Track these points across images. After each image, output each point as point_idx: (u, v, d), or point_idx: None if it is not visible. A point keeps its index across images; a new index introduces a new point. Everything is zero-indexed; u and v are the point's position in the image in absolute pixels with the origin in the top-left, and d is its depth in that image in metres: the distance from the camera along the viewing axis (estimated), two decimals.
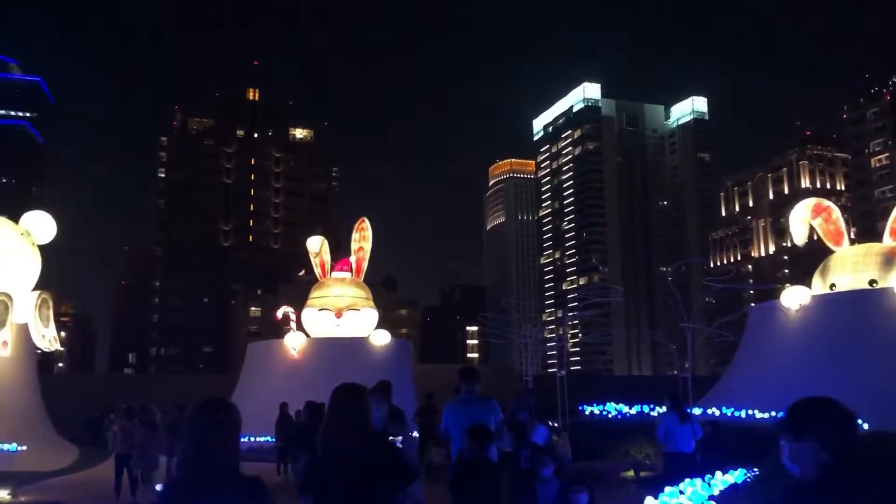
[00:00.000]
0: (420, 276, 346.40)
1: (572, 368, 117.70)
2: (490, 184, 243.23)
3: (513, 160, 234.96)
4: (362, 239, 33.12)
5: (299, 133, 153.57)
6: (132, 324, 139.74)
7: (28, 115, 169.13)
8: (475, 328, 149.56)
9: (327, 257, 32.87)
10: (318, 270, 32.77)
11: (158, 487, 12.23)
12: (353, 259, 32.86)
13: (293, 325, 31.08)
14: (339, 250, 35.26)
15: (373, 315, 32.18)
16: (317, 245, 32.52)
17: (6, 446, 19.85)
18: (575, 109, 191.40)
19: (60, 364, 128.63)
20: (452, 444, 8.38)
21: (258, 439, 27.28)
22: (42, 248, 23.46)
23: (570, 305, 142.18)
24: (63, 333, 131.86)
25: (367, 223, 33.22)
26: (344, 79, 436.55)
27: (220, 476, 3.11)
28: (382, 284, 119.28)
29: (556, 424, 19.18)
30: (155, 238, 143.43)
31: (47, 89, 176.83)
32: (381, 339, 31.08)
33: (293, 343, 30.19)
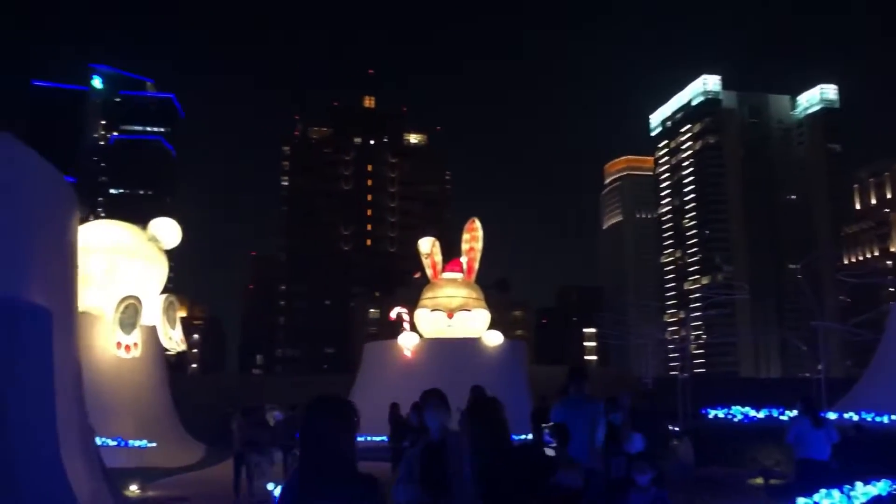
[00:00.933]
0: (534, 277, 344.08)
1: (696, 371, 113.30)
2: (606, 182, 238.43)
3: (629, 157, 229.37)
4: (473, 239, 32.91)
5: (413, 138, 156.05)
6: (259, 326, 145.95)
7: (162, 129, 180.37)
8: (592, 330, 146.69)
9: (438, 258, 32.78)
10: (429, 271, 32.81)
11: (270, 486, 12.36)
12: (464, 260, 32.66)
13: (406, 325, 31.19)
14: (453, 252, 35.15)
15: (485, 315, 31.88)
16: (428, 246, 32.56)
17: (136, 442, 20.83)
18: (694, 103, 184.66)
19: (194, 365, 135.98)
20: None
21: (374, 439, 27.60)
22: (176, 255, 24.51)
23: (693, 306, 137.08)
24: (196, 336, 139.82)
25: (477, 223, 32.96)
26: (457, 82, 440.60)
27: (336, 473, 3.13)
28: (496, 286, 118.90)
29: (676, 428, 18.25)
30: (279, 244, 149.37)
31: (179, 105, 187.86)
32: (494, 339, 30.72)
33: (406, 343, 30.32)
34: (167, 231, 24.05)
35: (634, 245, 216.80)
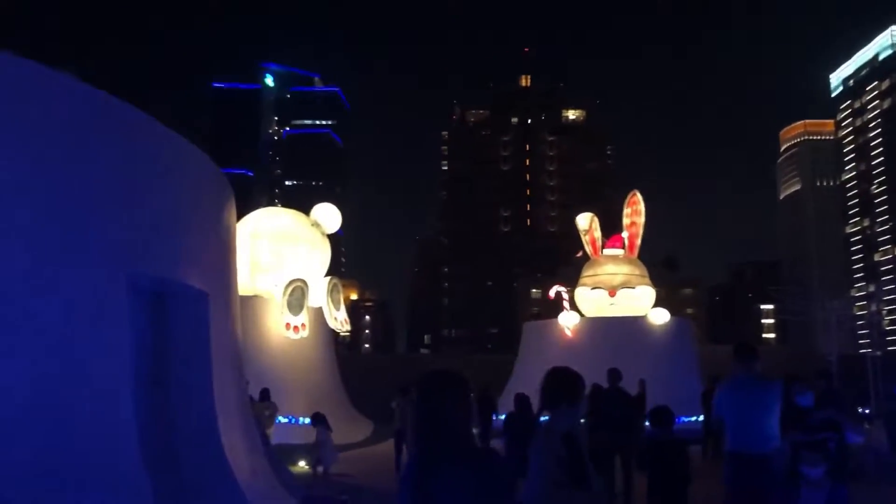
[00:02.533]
0: (705, 253, 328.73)
1: (889, 349, 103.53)
2: (782, 149, 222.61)
3: (807, 121, 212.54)
4: (634, 213, 31.77)
5: (571, 114, 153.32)
6: (425, 308, 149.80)
7: (330, 122, 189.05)
8: (770, 306, 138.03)
9: (598, 234, 32.00)
10: (588, 248, 32.07)
11: None
12: (625, 235, 31.62)
13: (566, 304, 30.60)
14: (615, 229, 34.17)
15: (649, 293, 30.75)
16: (586, 222, 31.75)
17: (307, 420, 21.68)
18: (881, 58, 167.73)
19: (367, 345, 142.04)
20: (729, 435, 7.20)
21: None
22: (347, 243, 25.24)
23: (886, 279, 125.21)
24: (367, 318, 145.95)
25: (638, 196, 31.76)
26: (620, 49, 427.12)
27: (453, 449, 3.10)
28: (664, 265, 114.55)
29: (866, 411, 16.47)
30: (441, 228, 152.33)
31: (344, 97, 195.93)
32: (660, 317, 29.47)
33: (567, 322, 29.78)
34: (328, 216, 24.80)
35: (816, 215, 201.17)
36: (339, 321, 24.49)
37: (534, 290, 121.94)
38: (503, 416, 17.74)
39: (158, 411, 8.05)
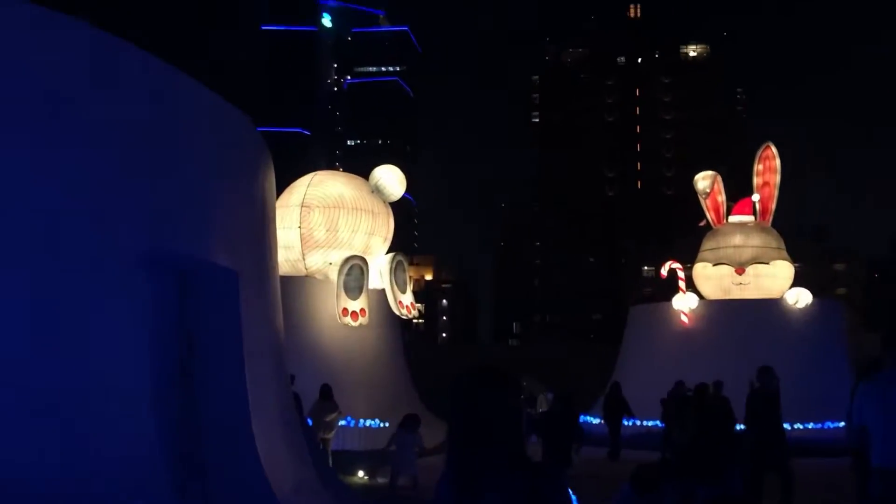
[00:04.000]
0: (862, 220, 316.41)
1: None
2: None
3: None
4: (767, 171, 30.98)
5: (691, 51, 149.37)
6: (513, 289, 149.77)
7: (398, 68, 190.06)
8: None
9: (722, 198, 31.51)
10: (710, 215, 31.61)
11: None
12: (755, 198, 30.99)
13: (683, 284, 30.24)
14: (745, 191, 33.56)
15: (786, 269, 30.08)
16: (707, 183, 31.17)
17: (368, 422, 22.02)
18: None
19: (443, 334, 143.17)
20: (875, 446, 6.91)
21: (645, 423, 27.08)
22: (421, 213, 25.40)
23: None
24: (444, 302, 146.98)
25: (772, 150, 30.93)
26: None
27: (497, 462, 3.11)
28: (811, 235, 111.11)
29: None
30: (532, 192, 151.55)
31: (415, 39, 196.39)
32: (800, 299, 28.83)
33: (683, 306, 29.42)
34: (391, 180, 24.92)
35: None
36: (405, 306, 24.68)
37: (645, 268, 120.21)
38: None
39: (185, 410, 8.25)
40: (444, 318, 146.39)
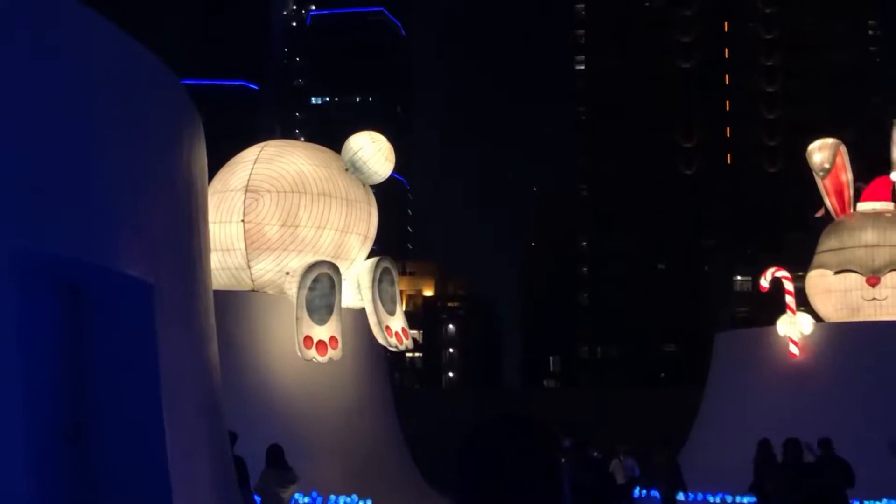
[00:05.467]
0: None
1: None
2: None
3: None
4: None
5: None
6: (550, 310, 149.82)
7: None
8: None
9: (848, 177, 31.44)
10: (830, 202, 31.64)
11: None
12: None
13: (791, 300, 30.28)
14: (881, 168, 33.76)
15: None
16: (825, 155, 31.15)
17: (343, 499, 22.11)
18: None
19: (451, 374, 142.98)
20: None
21: (737, 500, 27.12)
22: (414, 203, 25.42)
23: None
24: (451, 327, 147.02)
25: None
26: None
27: None
28: None
29: None
30: (577, 171, 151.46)
31: None
32: None
33: (792, 332, 29.45)
34: (372, 155, 24.95)
35: None
36: (395, 333, 24.72)
37: (738, 278, 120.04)
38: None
39: (76, 470, 8.29)
40: (452, 350, 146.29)
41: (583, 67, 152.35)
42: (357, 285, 24.71)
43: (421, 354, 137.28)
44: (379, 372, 26.32)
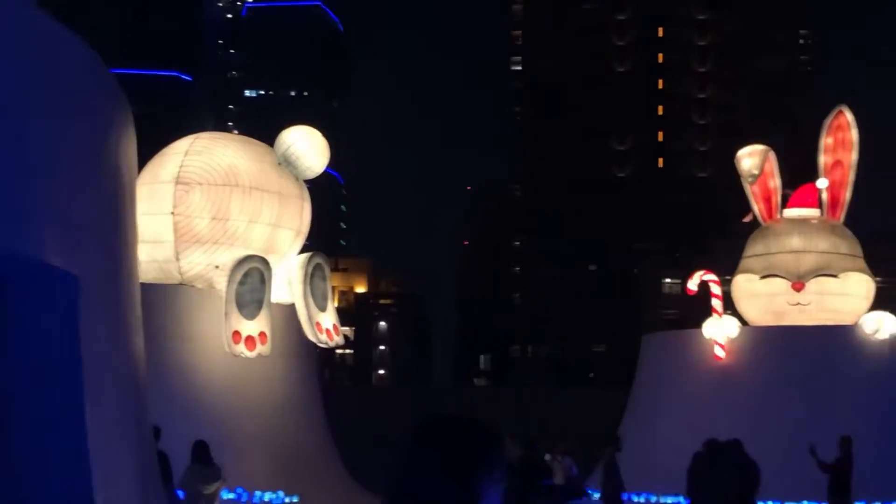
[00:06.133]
0: None
1: None
2: None
3: None
4: (841, 146, 31.60)
5: None
6: (483, 309, 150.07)
7: None
8: None
9: (775, 183, 31.88)
10: (758, 208, 32.03)
11: None
12: (822, 184, 31.53)
13: (718, 303, 30.57)
14: (809, 174, 34.15)
15: (863, 285, 30.68)
16: (754, 161, 31.54)
17: (268, 495, 21.97)
18: None
19: (382, 371, 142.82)
20: None
21: (663, 501, 27.31)
22: (347, 195, 25.29)
23: None
24: (383, 324, 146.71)
25: (847, 117, 31.52)
26: None
27: None
28: None
29: None
30: (510, 172, 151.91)
31: None
32: (882, 327, 29.24)
33: (717, 335, 29.76)
34: (306, 149, 24.87)
35: None
36: (325, 329, 24.62)
37: (667, 281, 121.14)
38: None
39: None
40: (383, 347, 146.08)
41: (519, 68, 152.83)
42: (288, 281, 24.57)
43: (352, 351, 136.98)
44: (308, 368, 26.24)
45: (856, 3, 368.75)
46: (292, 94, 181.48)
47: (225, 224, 23.64)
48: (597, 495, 26.60)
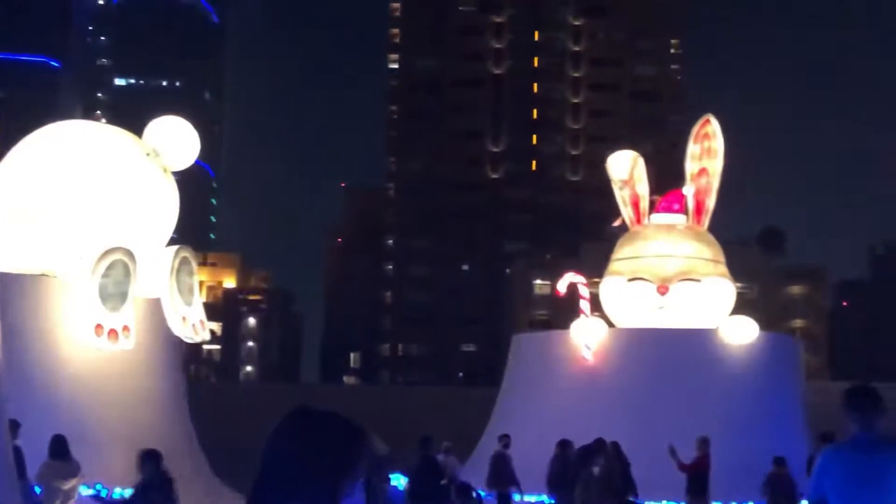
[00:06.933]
0: (831, 228, 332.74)
1: None
2: None
3: None
4: (706, 154, 32.15)
5: None
6: (353, 307, 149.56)
7: None
8: None
9: (644, 189, 32.32)
10: (627, 212, 32.47)
11: None
12: (689, 190, 32.06)
13: (586, 305, 30.90)
14: (676, 181, 34.74)
15: (725, 290, 31.38)
16: (624, 166, 31.98)
17: (129, 492, 21.51)
18: None
19: (249, 368, 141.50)
20: None
21: (527, 499, 27.47)
22: (218, 188, 24.98)
23: None
24: (252, 320, 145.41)
25: (713, 125, 32.14)
26: None
27: None
28: (760, 242, 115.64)
29: None
30: (385, 169, 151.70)
31: None
32: (742, 331, 30.00)
33: (585, 337, 30.05)
34: (176, 139, 24.65)
35: None
36: (191, 324, 24.32)
37: (538, 282, 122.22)
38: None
39: None
40: (252, 343, 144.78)
41: (396, 66, 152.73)
42: (154, 274, 24.17)
43: (219, 347, 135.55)
44: (172, 363, 25.82)
45: (726, 15, 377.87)
46: (164, 83, 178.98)
47: (88, 214, 23.17)
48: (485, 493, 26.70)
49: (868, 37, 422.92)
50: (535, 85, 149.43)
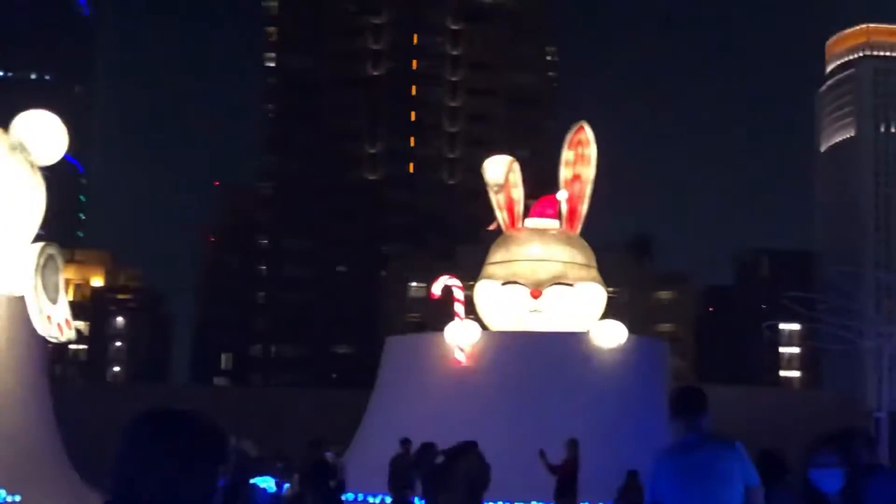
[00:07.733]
0: (698, 235, 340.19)
1: None
2: (828, 71, 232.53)
3: (871, 26, 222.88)
4: (579, 160, 32.73)
5: None
6: (225, 307, 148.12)
7: None
8: (796, 326, 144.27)
9: (519, 193, 32.62)
10: (502, 216, 32.82)
11: None
12: (562, 196, 32.52)
13: (460, 308, 31.08)
14: (550, 186, 35.04)
15: (597, 294, 31.93)
16: (500, 171, 32.23)
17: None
18: None
19: (117, 368, 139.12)
20: None
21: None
22: (90, 186, 24.51)
23: None
24: (120, 319, 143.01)
25: (587, 133, 32.68)
26: None
27: None
28: (630, 248, 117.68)
29: None
30: (260, 169, 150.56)
31: None
32: (612, 335, 30.56)
33: (458, 339, 30.26)
34: (42, 134, 24.25)
35: (878, 177, 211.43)
36: (56, 322, 23.83)
37: (413, 284, 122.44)
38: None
39: None
40: (120, 343, 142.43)
41: (273, 65, 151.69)
42: (18, 271, 23.63)
43: (85, 347, 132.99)
44: (36, 362, 25.25)
45: (600, 25, 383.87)
46: (32, 76, 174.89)
47: None
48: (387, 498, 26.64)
49: (745, 43, 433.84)
50: (414, 87, 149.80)
